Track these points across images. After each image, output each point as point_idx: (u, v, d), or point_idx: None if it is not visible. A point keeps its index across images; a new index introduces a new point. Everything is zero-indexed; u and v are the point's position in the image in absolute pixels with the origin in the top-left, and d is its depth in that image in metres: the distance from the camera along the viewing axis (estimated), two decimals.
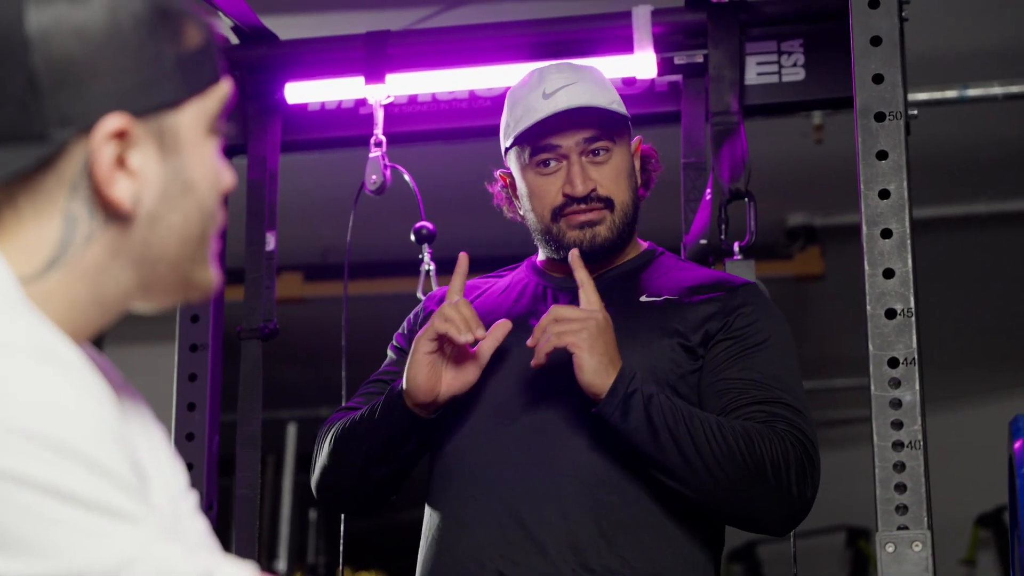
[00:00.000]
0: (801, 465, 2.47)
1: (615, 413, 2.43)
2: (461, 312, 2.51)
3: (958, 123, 5.18)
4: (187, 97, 1.34)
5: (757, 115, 3.25)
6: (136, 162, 1.31)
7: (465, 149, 4.53)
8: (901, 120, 2.59)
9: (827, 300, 6.85)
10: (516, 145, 2.69)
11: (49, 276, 1.30)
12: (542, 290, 2.72)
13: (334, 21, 4.25)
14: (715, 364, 2.57)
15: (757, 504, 2.47)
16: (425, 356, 2.52)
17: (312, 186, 5.18)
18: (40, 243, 1.30)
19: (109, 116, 1.29)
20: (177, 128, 1.34)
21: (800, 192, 6.07)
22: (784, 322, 2.66)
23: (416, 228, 3.12)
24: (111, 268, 1.33)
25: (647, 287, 2.68)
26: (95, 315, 1.34)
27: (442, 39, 3.30)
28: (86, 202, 1.30)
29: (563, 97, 2.63)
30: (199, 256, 1.38)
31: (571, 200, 2.63)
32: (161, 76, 1.32)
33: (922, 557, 2.42)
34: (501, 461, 2.55)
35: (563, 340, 2.44)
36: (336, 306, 6.47)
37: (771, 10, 3.16)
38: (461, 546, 2.55)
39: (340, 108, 3.41)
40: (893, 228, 2.55)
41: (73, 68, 1.28)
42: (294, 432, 7.95)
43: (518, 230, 2.87)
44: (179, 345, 3.25)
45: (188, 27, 1.35)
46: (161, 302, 1.39)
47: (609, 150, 2.65)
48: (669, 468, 2.45)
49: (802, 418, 2.52)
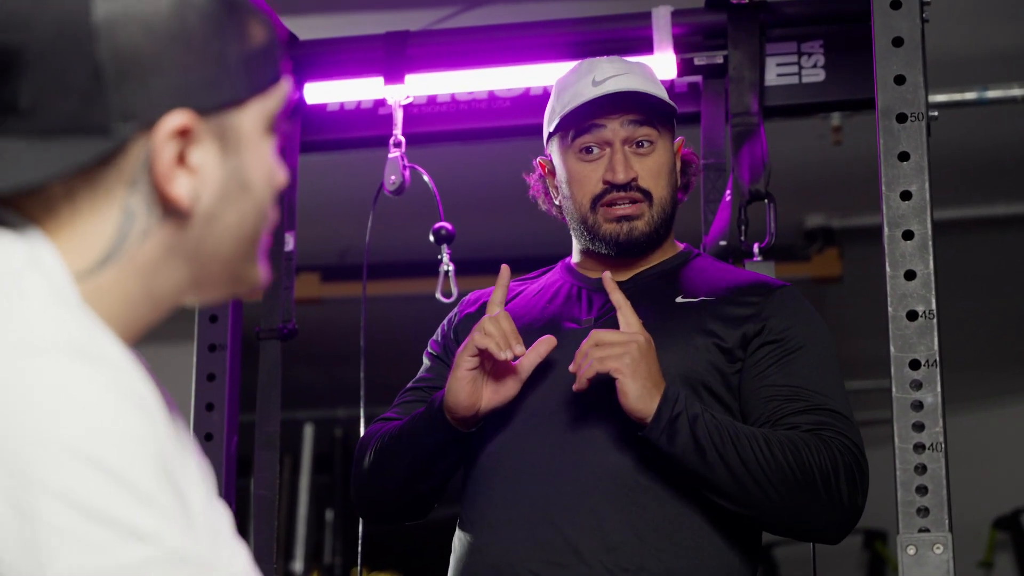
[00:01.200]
0: (851, 472, 2.46)
1: (661, 437, 2.43)
2: (501, 327, 2.50)
3: (977, 125, 5.16)
4: (250, 96, 1.33)
5: (777, 116, 3.24)
6: (197, 160, 1.30)
7: (484, 150, 4.54)
8: (923, 121, 2.58)
9: (845, 302, 6.83)
10: (560, 129, 2.69)
11: (103, 272, 1.28)
12: (576, 291, 2.72)
13: (353, 21, 4.25)
14: (757, 369, 2.56)
15: (809, 515, 2.46)
16: (467, 373, 2.52)
17: (329, 187, 5.19)
18: (96, 237, 1.28)
19: (173, 113, 1.27)
20: (239, 127, 1.33)
21: (818, 194, 6.06)
22: (823, 325, 2.65)
23: (435, 228, 3.11)
24: (165, 265, 1.31)
25: (683, 288, 2.67)
26: (147, 312, 1.32)
27: (462, 39, 3.29)
28: (144, 197, 1.29)
29: (612, 84, 2.64)
30: (251, 253, 1.38)
31: (611, 187, 2.63)
32: (226, 74, 1.31)
33: (943, 560, 2.41)
34: (535, 465, 2.54)
35: (606, 366, 2.43)
36: (353, 307, 6.47)
37: (791, 11, 3.15)
38: (494, 549, 2.54)
39: (359, 108, 3.40)
40: (915, 229, 2.54)
41: (138, 61, 1.26)
42: (311, 433, 7.95)
43: (538, 231, 2.87)
44: (198, 345, 3.24)
45: (253, 24, 1.34)
46: (209, 297, 1.38)
47: (653, 142, 2.66)
48: (719, 487, 2.44)
49: (848, 424, 2.51)
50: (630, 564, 2.46)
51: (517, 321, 2.57)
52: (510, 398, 2.55)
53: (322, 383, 7.73)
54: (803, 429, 2.48)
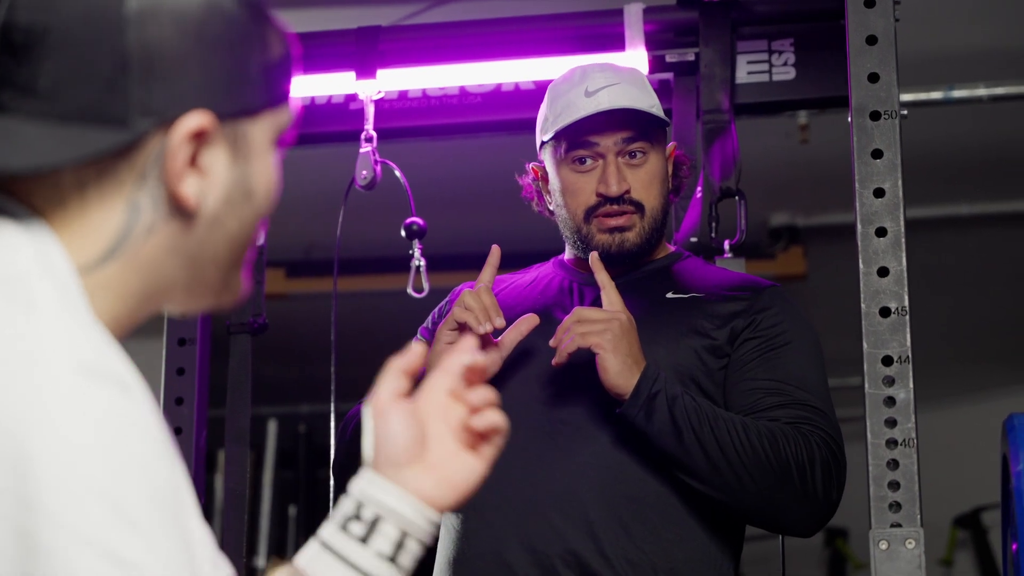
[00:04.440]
0: (827, 466, 2.48)
1: (639, 414, 2.45)
2: (482, 300, 2.52)
3: (943, 124, 5.19)
4: (266, 107, 1.34)
5: (747, 114, 3.25)
6: (208, 162, 1.30)
7: (455, 145, 4.53)
8: (896, 119, 2.60)
9: (809, 300, 6.85)
10: (553, 140, 2.69)
11: (107, 266, 1.28)
12: (568, 284, 2.74)
13: (325, 16, 4.24)
14: (741, 363, 2.58)
15: (783, 505, 2.48)
16: (447, 347, 2.53)
17: (293, 182, 5.16)
18: (102, 230, 1.27)
19: (192, 113, 1.27)
20: (251, 135, 1.33)
21: (783, 192, 6.08)
22: (809, 325, 2.67)
23: (407, 224, 3.10)
24: (165, 264, 1.31)
25: (674, 285, 2.70)
26: (140, 309, 1.32)
27: (434, 35, 3.29)
28: (152, 193, 1.28)
29: (605, 97, 2.64)
30: (240, 262, 1.38)
31: (605, 200, 2.64)
32: (247, 81, 1.31)
33: (915, 554, 2.42)
34: (523, 454, 2.54)
35: (587, 341, 2.45)
36: (318, 303, 6.48)
37: (762, 9, 3.16)
38: (482, 535, 2.56)
39: (330, 103, 3.40)
40: (888, 226, 2.56)
41: (165, 57, 1.26)
42: (275, 428, 7.93)
43: (510, 227, 2.87)
44: (167, 339, 3.24)
45: (274, 36, 1.35)
46: (196, 303, 1.38)
47: (646, 153, 2.67)
48: (694, 469, 2.46)
49: (828, 420, 2.53)
50: (614, 554, 2.48)
51: (508, 310, 2.58)
52: (491, 374, 2.55)
53: (287, 379, 7.71)
54: (783, 422, 2.50)
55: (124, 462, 1.16)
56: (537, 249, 2.85)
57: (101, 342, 1.21)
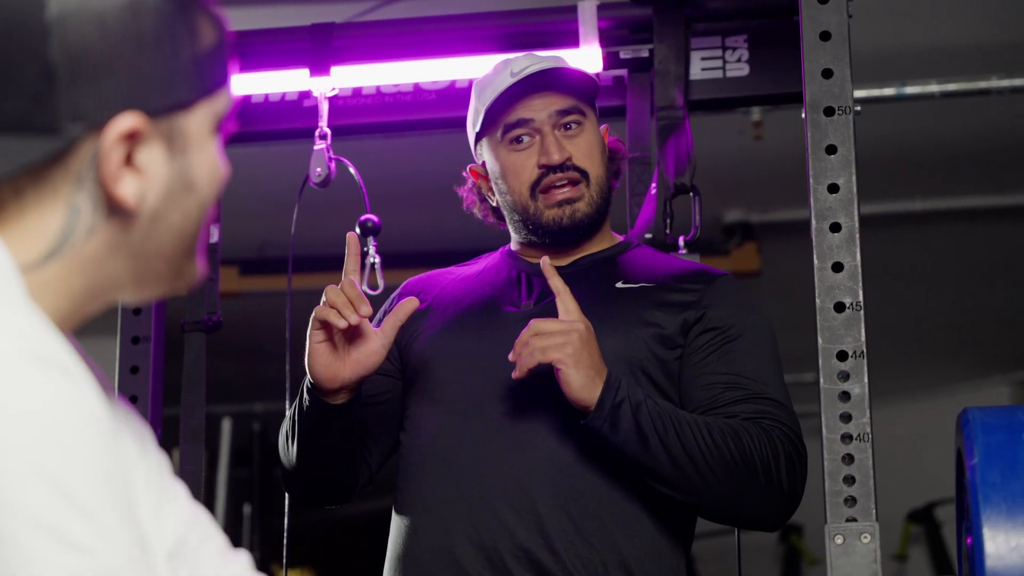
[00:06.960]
0: (790, 459, 2.49)
1: (604, 425, 2.43)
2: (344, 293, 2.48)
3: (897, 120, 5.21)
4: (200, 98, 1.33)
5: (701, 110, 3.26)
6: (144, 161, 1.29)
7: (410, 142, 4.52)
8: (850, 115, 2.60)
9: (763, 296, 6.87)
10: (487, 125, 2.70)
11: (49, 266, 1.28)
12: (516, 274, 2.72)
13: (279, 13, 4.23)
14: (697, 357, 2.58)
15: (749, 502, 2.49)
16: (317, 346, 2.50)
17: (246, 180, 5.15)
18: (42, 232, 1.27)
19: (123, 115, 1.26)
20: (186, 128, 1.32)
21: (737, 188, 6.10)
22: (762, 313, 2.67)
23: (361, 221, 3.09)
24: (109, 261, 1.31)
25: (624, 274, 2.69)
26: (86, 305, 1.32)
27: (388, 32, 3.28)
28: (91, 195, 1.28)
29: (530, 70, 2.66)
30: (191, 250, 1.37)
31: (548, 171, 2.64)
32: (177, 76, 1.30)
33: (870, 549, 2.42)
34: (473, 448, 2.54)
35: (548, 356, 2.41)
36: (272, 301, 6.45)
37: (716, 6, 3.17)
38: (431, 530, 2.55)
39: (284, 100, 3.39)
40: (842, 222, 2.56)
41: (90, 60, 1.25)
42: (228, 427, 7.90)
43: (464, 224, 2.86)
44: (121, 337, 3.22)
45: (204, 24, 1.33)
46: (148, 294, 1.38)
47: (581, 124, 2.68)
48: (660, 473, 2.45)
49: (787, 412, 2.54)
50: (563, 548, 2.47)
51: (455, 302, 2.57)
52: (376, 364, 2.51)
53: (241, 377, 7.69)
54: (743, 417, 2.50)
55: (72, 447, 1.16)
56: (494, 246, 2.84)
57: (44, 331, 1.21)
